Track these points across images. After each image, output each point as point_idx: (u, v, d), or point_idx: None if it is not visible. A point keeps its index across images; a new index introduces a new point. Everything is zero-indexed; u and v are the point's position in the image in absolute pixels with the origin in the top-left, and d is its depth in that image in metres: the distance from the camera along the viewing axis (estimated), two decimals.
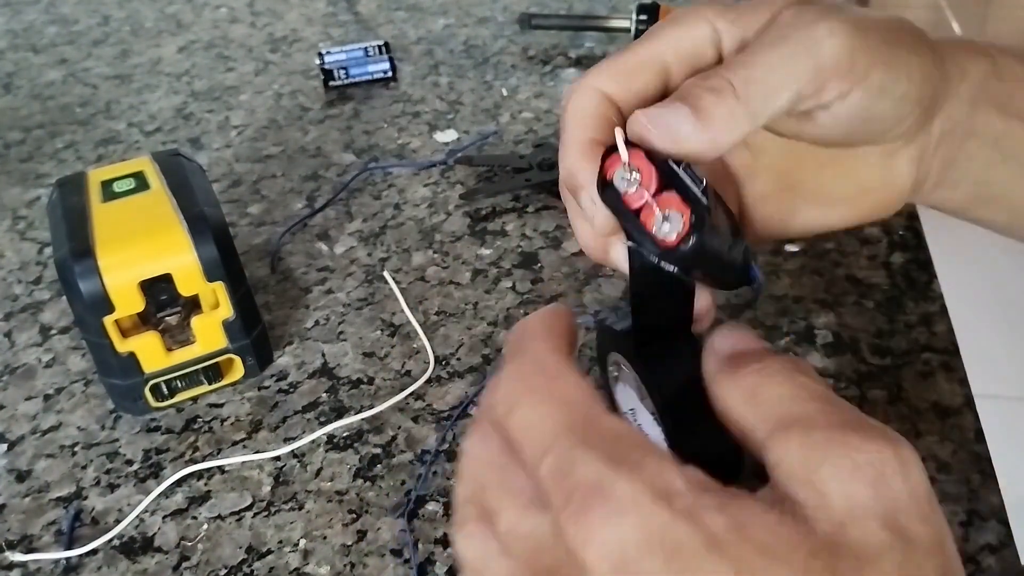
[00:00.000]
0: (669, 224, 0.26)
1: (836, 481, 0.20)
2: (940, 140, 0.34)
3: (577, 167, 0.31)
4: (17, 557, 0.40)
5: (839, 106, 0.30)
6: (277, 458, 0.44)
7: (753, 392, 0.24)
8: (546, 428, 0.22)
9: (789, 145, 0.34)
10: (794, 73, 0.28)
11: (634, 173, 0.27)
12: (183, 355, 0.46)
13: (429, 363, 0.48)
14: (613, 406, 0.33)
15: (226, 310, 0.46)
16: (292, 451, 0.44)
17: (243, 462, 0.44)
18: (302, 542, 0.40)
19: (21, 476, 0.45)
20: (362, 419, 0.45)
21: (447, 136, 0.70)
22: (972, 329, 0.47)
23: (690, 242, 0.26)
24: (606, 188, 0.28)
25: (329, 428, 0.45)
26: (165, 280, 0.44)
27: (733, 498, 0.20)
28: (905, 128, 0.32)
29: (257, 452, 0.45)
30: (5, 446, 0.46)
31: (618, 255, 0.31)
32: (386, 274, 0.55)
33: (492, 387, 0.25)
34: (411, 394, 0.47)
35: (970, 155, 0.34)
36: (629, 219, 0.27)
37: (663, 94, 0.31)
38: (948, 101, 0.33)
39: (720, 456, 0.25)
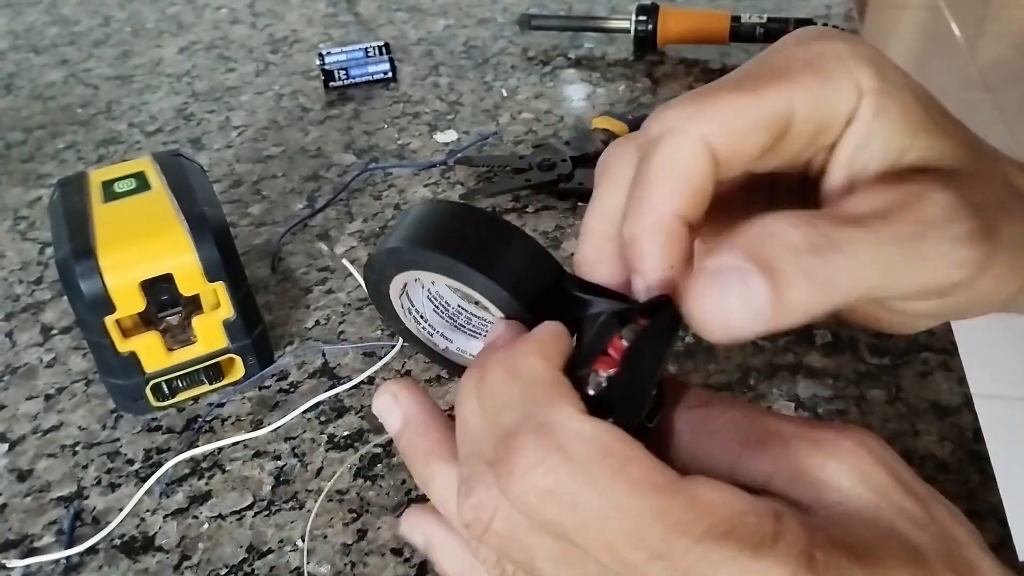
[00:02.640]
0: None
1: (845, 472, 0.21)
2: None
3: (649, 251, 0.23)
4: (14, 563, 0.40)
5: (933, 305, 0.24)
6: (278, 457, 0.44)
7: (704, 423, 0.23)
8: (644, 530, 0.20)
9: None
10: (900, 282, 0.22)
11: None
12: (184, 355, 0.46)
13: (398, 337, 0.48)
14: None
15: (227, 310, 0.46)
16: (292, 450, 0.44)
17: (244, 461, 0.44)
18: (302, 542, 0.40)
19: (22, 476, 0.45)
20: (347, 390, 0.46)
21: (447, 136, 0.70)
22: (971, 329, 0.47)
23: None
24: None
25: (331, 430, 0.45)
26: (166, 280, 0.44)
27: (824, 529, 0.20)
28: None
29: (258, 452, 0.45)
30: (6, 446, 0.46)
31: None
32: (344, 261, 0.55)
33: (521, 472, 0.21)
34: None
35: None
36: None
37: (761, 161, 0.24)
38: None
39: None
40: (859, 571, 0.19)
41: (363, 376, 0.48)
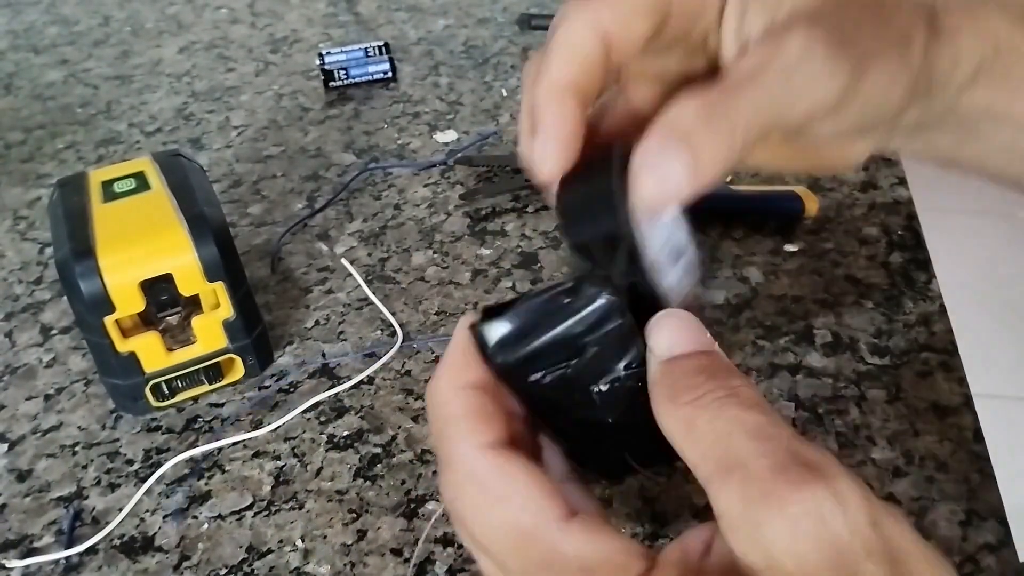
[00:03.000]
0: None
1: (781, 541, 0.20)
2: (912, 128, 0.31)
3: (545, 107, 0.28)
4: (14, 563, 0.40)
5: (817, 129, 0.28)
6: (277, 457, 0.44)
7: (690, 425, 0.23)
8: (504, 558, 0.23)
9: None
10: (788, 114, 0.26)
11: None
12: (184, 355, 0.46)
13: (398, 334, 0.48)
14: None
15: (226, 310, 0.46)
16: (292, 450, 0.44)
17: (243, 461, 0.44)
18: (302, 542, 0.40)
19: (22, 476, 0.45)
20: (346, 388, 0.46)
21: (447, 136, 0.70)
22: (971, 329, 0.47)
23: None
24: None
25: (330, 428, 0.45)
26: (166, 280, 0.44)
27: None
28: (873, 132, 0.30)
29: (257, 452, 0.45)
30: (6, 446, 0.46)
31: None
32: (343, 261, 0.55)
33: (441, 487, 0.25)
34: (411, 393, 0.47)
35: (943, 132, 0.32)
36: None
37: (650, 46, 0.28)
38: (930, 95, 0.30)
39: None
40: None
41: (363, 376, 0.48)
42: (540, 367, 0.25)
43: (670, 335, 0.25)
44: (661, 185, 0.25)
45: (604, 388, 0.26)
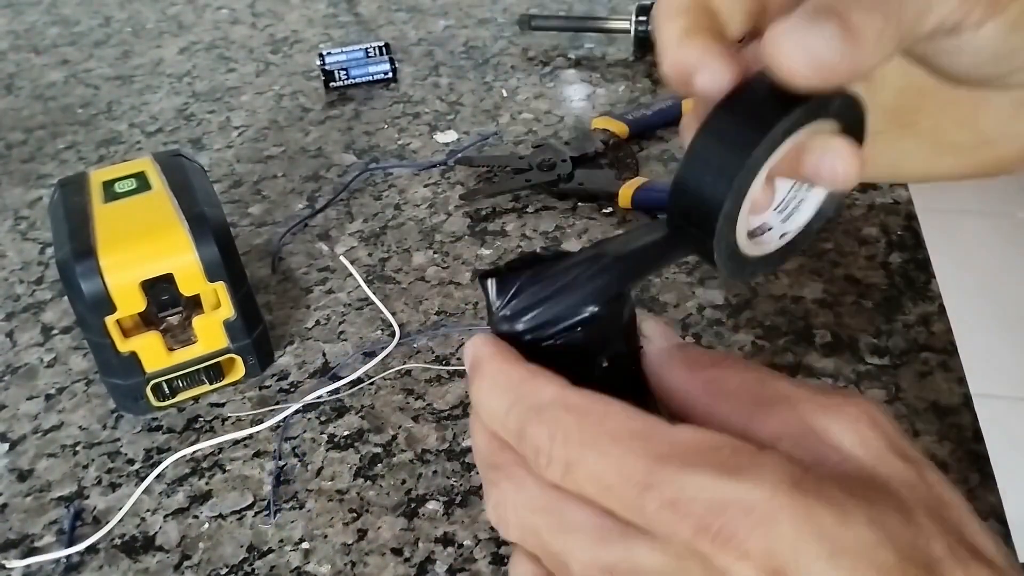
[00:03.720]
0: None
1: (847, 435, 0.23)
2: None
3: (684, 59, 0.25)
4: (14, 563, 0.40)
5: (972, 37, 0.26)
6: (278, 457, 0.44)
7: (717, 383, 0.25)
8: (629, 466, 0.22)
9: (909, 80, 0.30)
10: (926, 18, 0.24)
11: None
12: (184, 355, 0.46)
13: (396, 334, 0.49)
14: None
15: (227, 310, 0.46)
16: (293, 450, 0.45)
17: (244, 461, 0.44)
18: (303, 541, 0.40)
19: (23, 475, 0.45)
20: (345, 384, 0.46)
21: (447, 137, 0.70)
22: (970, 329, 0.47)
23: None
24: None
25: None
26: (166, 280, 0.44)
27: (823, 469, 0.22)
28: None
29: (258, 452, 0.45)
30: (7, 446, 0.46)
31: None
32: (342, 259, 0.56)
33: (535, 452, 0.24)
34: (411, 393, 0.47)
35: None
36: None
37: None
38: None
39: None
40: (850, 502, 0.21)
41: (359, 372, 0.48)
42: (547, 334, 0.26)
43: (663, 328, 0.27)
44: (811, 59, 0.22)
45: (606, 364, 0.26)
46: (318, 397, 0.47)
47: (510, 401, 0.25)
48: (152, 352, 0.45)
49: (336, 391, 0.47)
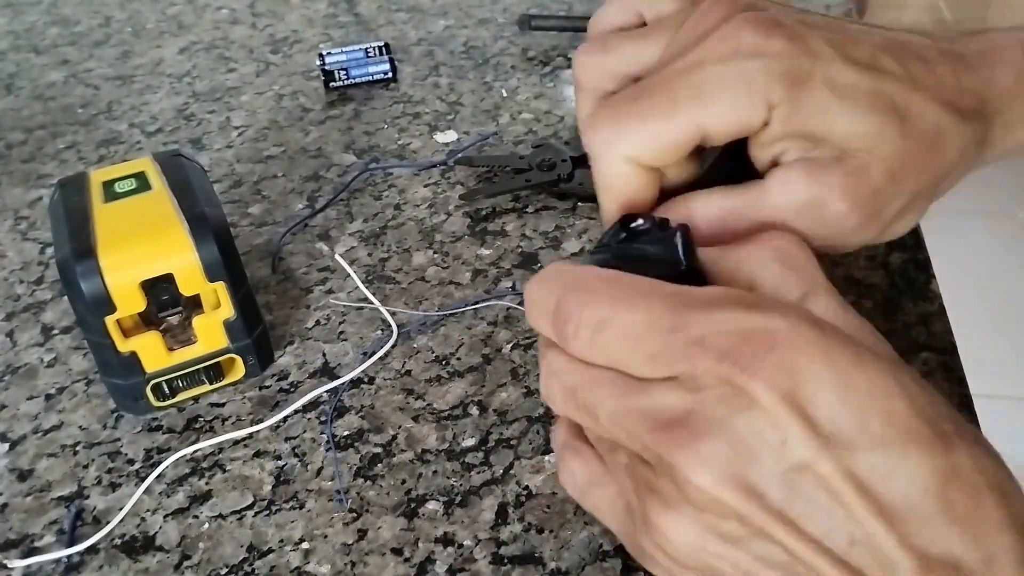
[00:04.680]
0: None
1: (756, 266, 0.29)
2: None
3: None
4: (15, 563, 0.40)
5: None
6: (278, 457, 0.44)
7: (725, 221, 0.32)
8: (656, 315, 0.24)
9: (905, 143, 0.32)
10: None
11: None
12: (184, 355, 0.46)
13: (393, 333, 0.49)
14: None
15: (227, 310, 0.46)
16: (293, 450, 0.45)
17: (244, 461, 0.44)
18: (303, 541, 0.40)
19: (23, 475, 0.45)
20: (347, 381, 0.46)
21: (447, 137, 0.70)
22: (970, 329, 0.47)
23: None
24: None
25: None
26: (166, 280, 0.44)
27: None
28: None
29: (258, 452, 0.45)
30: (7, 446, 0.46)
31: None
32: (338, 257, 0.56)
33: (572, 323, 0.26)
34: (411, 393, 0.47)
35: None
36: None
37: (685, 163, 0.32)
38: (997, 144, 0.34)
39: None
40: (868, 354, 0.23)
41: (360, 371, 0.48)
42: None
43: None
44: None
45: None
46: (316, 392, 0.47)
47: (550, 285, 0.28)
48: (152, 352, 0.45)
49: (336, 391, 0.47)
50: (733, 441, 0.23)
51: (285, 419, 0.46)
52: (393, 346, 0.50)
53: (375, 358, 0.49)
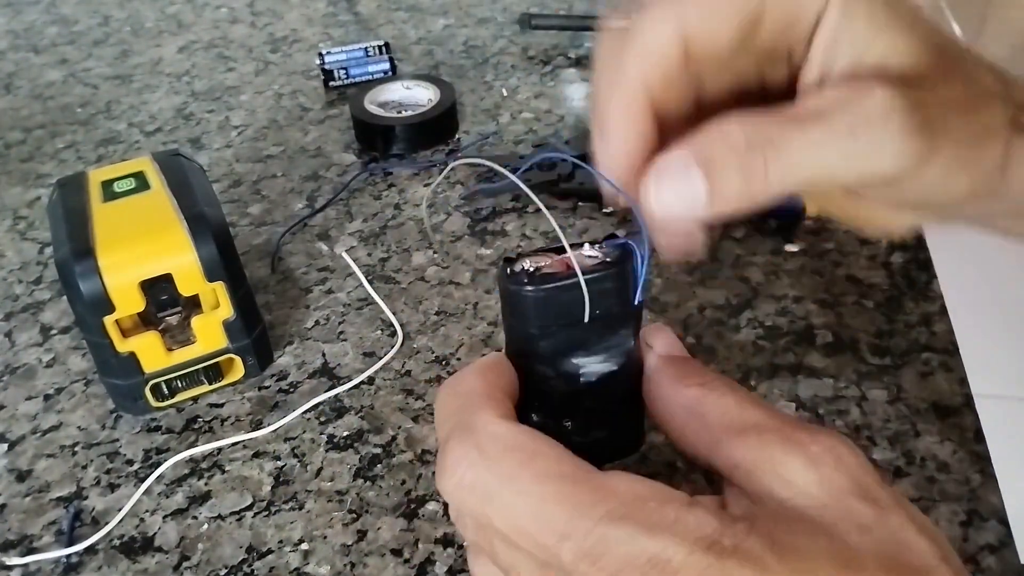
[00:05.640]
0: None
1: (804, 472, 0.22)
2: (969, 216, 0.30)
3: (613, 111, 0.26)
4: (14, 561, 0.40)
5: (910, 185, 0.26)
6: (277, 458, 0.44)
7: (699, 402, 0.25)
8: (548, 512, 0.22)
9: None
10: (836, 171, 0.24)
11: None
12: (183, 355, 0.46)
13: (399, 335, 0.48)
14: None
15: (226, 310, 0.46)
16: (292, 450, 0.44)
17: (243, 461, 0.44)
18: (303, 542, 0.40)
19: (21, 476, 0.45)
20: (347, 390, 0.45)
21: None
22: (972, 329, 0.47)
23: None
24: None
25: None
26: (165, 280, 0.44)
27: (750, 519, 0.22)
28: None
29: (257, 452, 0.45)
30: (6, 446, 0.46)
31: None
32: (344, 256, 0.55)
33: (449, 470, 0.23)
34: (411, 393, 0.47)
35: (1003, 216, 0.30)
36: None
37: (732, 57, 0.26)
38: (997, 195, 0.27)
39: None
40: (773, 561, 0.20)
41: (363, 376, 0.48)
42: (544, 331, 0.26)
43: (667, 338, 0.27)
44: (673, 202, 0.24)
45: (589, 367, 0.27)
46: (317, 399, 0.47)
47: (455, 408, 0.25)
48: (151, 352, 0.45)
49: (336, 392, 0.47)
50: None
51: (285, 419, 0.46)
52: (399, 349, 0.50)
53: (381, 363, 0.49)
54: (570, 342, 0.26)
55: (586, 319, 0.25)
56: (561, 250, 0.26)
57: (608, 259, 0.26)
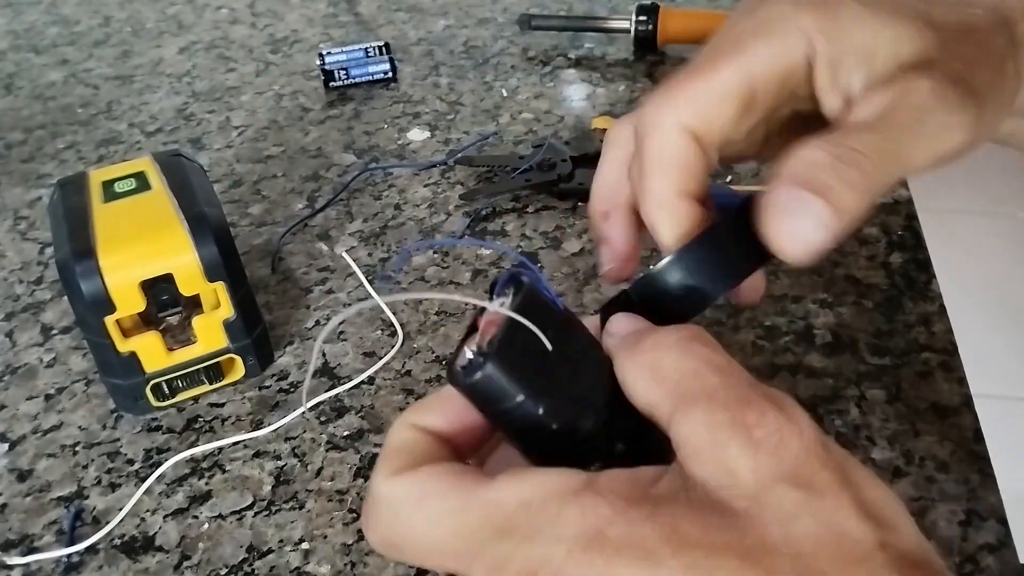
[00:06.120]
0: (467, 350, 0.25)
1: (743, 459, 0.21)
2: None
3: (660, 224, 0.29)
4: (15, 560, 0.40)
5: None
6: (278, 457, 0.44)
7: (654, 368, 0.24)
8: (450, 547, 0.23)
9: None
10: (917, 160, 0.27)
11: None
12: (184, 355, 0.46)
13: (399, 334, 0.48)
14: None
15: (227, 310, 0.46)
16: (293, 450, 0.44)
17: (244, 461, 0.44)
18: (303, 542, 0.40)
19: (22, 476, 0.45)
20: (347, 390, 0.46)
21: (421, 135, 0.70)
22: (971, 329, 0.47)
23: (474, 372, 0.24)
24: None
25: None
26: (166, 280, 0.44)
27: (658, 504, 0.21)
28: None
29: (258, 452, 0.45)
30: (6, 446, 0.46)
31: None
32: (345, 256, 0.56)
33: (367, 534, 0.25)
34: (411, 393, 0.47)
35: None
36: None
37: (742, 123, 0.29)
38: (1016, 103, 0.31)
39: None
40: (667, 554, 0.20)
41: (363, 376, 0.48)
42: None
43: (621, 319, 0.27)
44: (806, 233, 0.25)
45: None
46: (318, 398, 0.47)
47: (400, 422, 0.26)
48: (152, 352, 0.45)
49: (336, 392, 0.47)
50: None
51: (285, 419, 0.46)
52: (399, 349, 0.50)
53: (381, 363, 0.49)
54: (554, 383, 0.25)
55: (547, 344, 0.24)
56: (473, 328, 0.25)
57: (514, 292, 0.25)
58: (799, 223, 0.25)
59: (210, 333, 0.46)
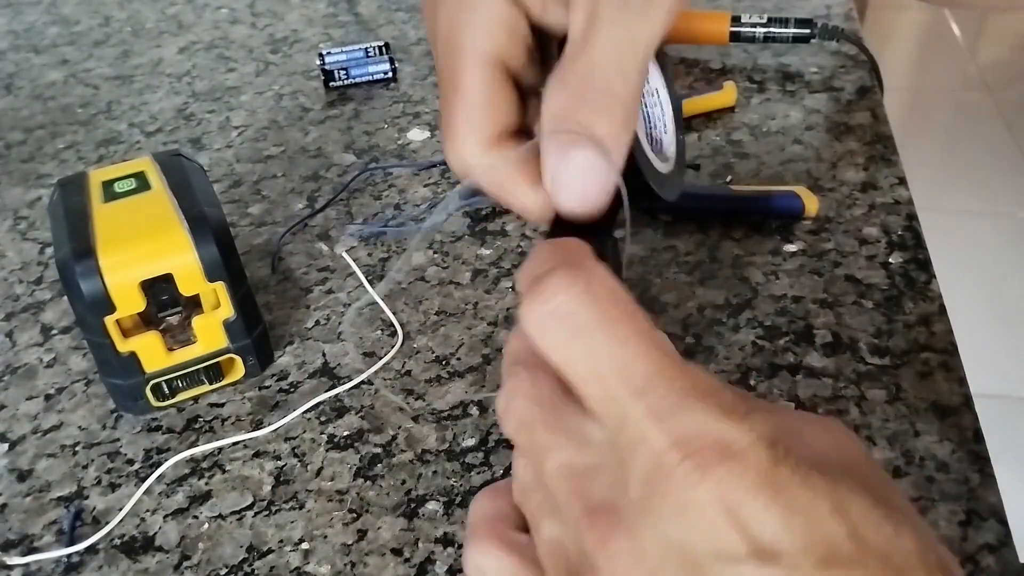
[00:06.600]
0: None
1: (823, 438, 0.22)
2: None
3: (469, 78, 0.27)
4: (15, 560, 0.40)
5: None
6: (278, 457, 0.44)
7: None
8: (631, 363, 0.22)
9: None
10: (649, 35, 0.26)
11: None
12: (184, 355, 0.46)
13: (399, 334, 0.48)
14: None
15: (227, 310, 0.46)
16: (292, 450, 0.44)
17: (244, 461, 0.44)
18: (303, 542, 0.40)
19: (22, 476, 0.45)
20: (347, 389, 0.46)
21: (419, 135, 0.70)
22: (971, 329, 0.47)
23: None
24: None
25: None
26: (166, 280, 0.44)
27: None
28: None
29: (258, 452, 0.45)
30: (6, 446, 0.46)
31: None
32: (345, 256, 0.55)
33: (545, 295, 0.23)
34: (411, 393, 0.47)
35: None
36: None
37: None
38: None
39: None
40: (819, 479, 0.20)
41: (363, 376, 0.48)
42: None
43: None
44: (582, 198, 0.25)
45: None
46: (318, 398, 0.47)
47: (549, 257, 0.24)
48: (152, 352, 0.45)
49: (336, 392, 0.47)
50: (660, 544, 0.21)
51: (285, 419, 0.46)
52: (399, 349, 0.50)
53: (381, 363, 0.49)
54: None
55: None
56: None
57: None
58: (571, 181, 0.25)
59: (210, 333, 0.46)
